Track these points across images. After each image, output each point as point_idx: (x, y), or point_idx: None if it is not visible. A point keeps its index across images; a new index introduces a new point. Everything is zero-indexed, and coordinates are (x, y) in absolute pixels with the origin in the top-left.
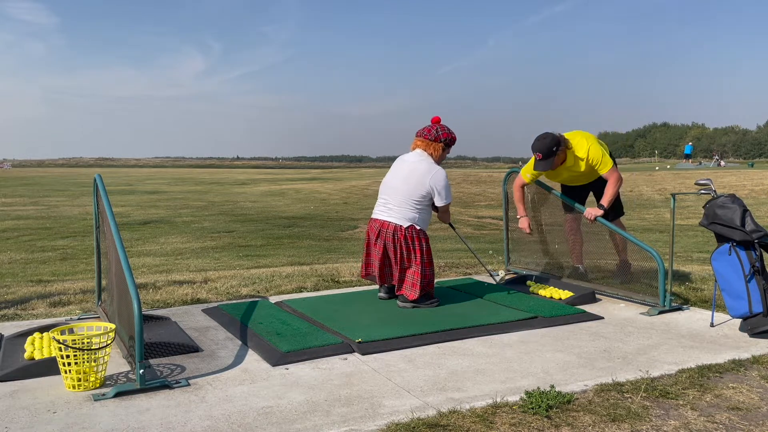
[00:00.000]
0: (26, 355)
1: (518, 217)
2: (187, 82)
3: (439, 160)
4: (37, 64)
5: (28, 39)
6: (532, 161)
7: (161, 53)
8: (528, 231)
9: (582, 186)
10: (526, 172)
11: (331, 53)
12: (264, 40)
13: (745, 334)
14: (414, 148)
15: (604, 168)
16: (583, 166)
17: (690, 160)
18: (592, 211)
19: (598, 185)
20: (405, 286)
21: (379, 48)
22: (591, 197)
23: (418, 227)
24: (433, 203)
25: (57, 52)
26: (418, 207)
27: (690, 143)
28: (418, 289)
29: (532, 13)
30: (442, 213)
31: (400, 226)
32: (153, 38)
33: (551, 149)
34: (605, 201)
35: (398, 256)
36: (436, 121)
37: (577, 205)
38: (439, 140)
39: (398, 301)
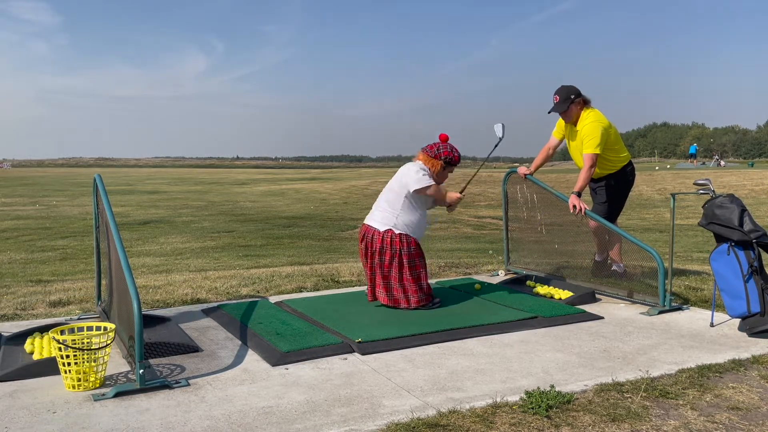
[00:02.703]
0: (26, 354)
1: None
2: (188, 82)
3: (439, 180)
4: (39, 63)
5: (31, 38)
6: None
7: (163, 53)
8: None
9: (594, 193)
10: (555, 132)
11: (332, 53)
12: (265, 39)
13: (745, 334)
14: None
15: (586, 148)
16: (579, 136)
17: (694, 160)
18: (571, 201)
19: (602, 188)
20: (381, 293)
21: (380, 48)
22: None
23: (397, 231)
24: (436, 203)
25: (59, 51)
26: (402, 211)
27: (695, 144)
28: (416, 298)
29: (534, 13)
30: (439, 201)
31: (378, 230)
32: (155, 38)
33: (569, 96)
34: (576, 186)
35: (373, 259)
36: (443, 139)
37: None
38: (439, 158)
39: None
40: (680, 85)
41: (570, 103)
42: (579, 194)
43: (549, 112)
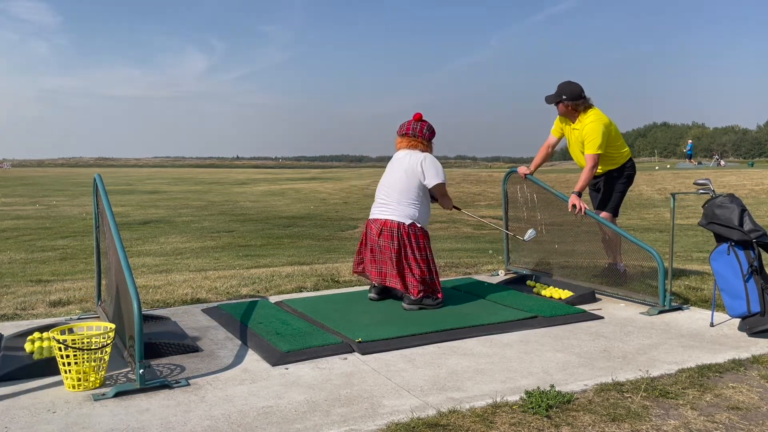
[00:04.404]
0: (26, 354)
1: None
2: (188, 82)
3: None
4: (39, 63)
5: (31, 38)
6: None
7: (163, 53)
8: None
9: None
10: (553, 130)
11: (332, 52)
12: (266, 39)
13: (745, 334)
14: (399, 148)
15: (587, 149)
16: (579, 136)
17: (693, 160)
18: (571, 200)
19: (603, 183)
20: (409, 284)
21: (381, 47)
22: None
23: (419, 225)
24: (432, 196)
25: (59, 51)
26: (416, 203)
27: (691, 142)
28: (417, 288)
29: (535, 12)
30: (441, 198)
31: (403, 223)
32: (155, 37)
33: (560, 94)
34: (577, 186)
35: (401, 254)
36: (417, 117)
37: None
38: (418, 136)
39: (404, 303)
40: (680, 85)
41: (558, 101)
42: (579, 194)
43: (545, 98)
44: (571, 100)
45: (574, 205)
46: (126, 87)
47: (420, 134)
